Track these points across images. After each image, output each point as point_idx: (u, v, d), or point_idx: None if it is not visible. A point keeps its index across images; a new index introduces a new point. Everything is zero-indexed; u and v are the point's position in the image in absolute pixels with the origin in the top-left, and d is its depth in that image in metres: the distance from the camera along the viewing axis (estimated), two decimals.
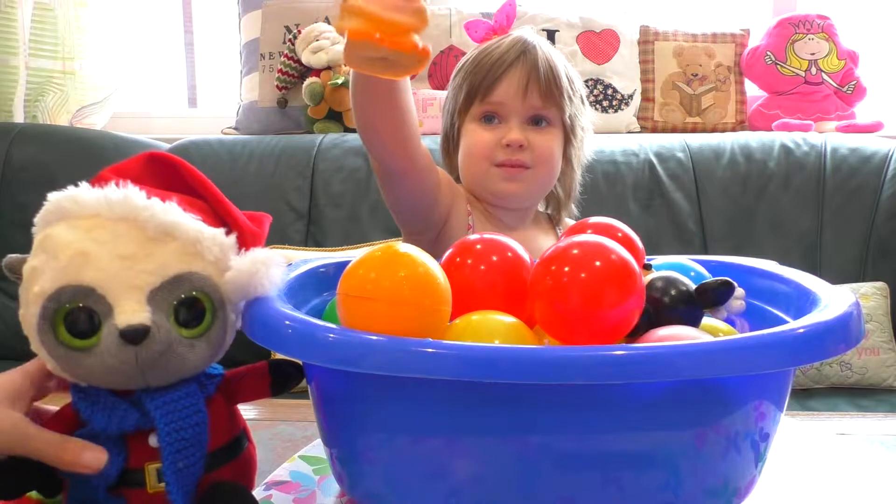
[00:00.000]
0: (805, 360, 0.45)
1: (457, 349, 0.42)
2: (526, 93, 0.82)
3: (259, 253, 0.48)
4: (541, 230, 0.91)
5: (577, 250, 0.48)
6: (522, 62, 0.82)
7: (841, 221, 1.59)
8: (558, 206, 0.92)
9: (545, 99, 0.83)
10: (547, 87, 0.82)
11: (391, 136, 0.73)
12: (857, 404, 1.40)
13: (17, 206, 1.61)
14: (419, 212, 0.82)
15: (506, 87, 0.82)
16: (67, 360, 0.45)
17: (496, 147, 0.83)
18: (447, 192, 0.83)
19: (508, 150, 0.82)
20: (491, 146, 0.83)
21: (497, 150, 0.83)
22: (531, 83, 0.82)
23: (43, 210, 0.47)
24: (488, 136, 0.83)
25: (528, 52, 0.83)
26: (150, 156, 0.51)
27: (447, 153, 0.91)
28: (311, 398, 0.53)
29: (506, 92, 0.82)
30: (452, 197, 0.84)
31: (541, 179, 0.85)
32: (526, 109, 0.83)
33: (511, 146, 0.82)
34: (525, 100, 0.82)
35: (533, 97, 0.82)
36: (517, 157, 0.82)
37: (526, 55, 0.83)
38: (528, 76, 0.82)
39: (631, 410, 0.44)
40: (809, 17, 1.84)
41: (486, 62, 0.83)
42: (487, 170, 0.84)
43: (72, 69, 1.83)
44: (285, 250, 1.51)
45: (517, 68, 0.82)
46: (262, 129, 1.79)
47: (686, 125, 1.82)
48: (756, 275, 0.63)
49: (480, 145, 0.83)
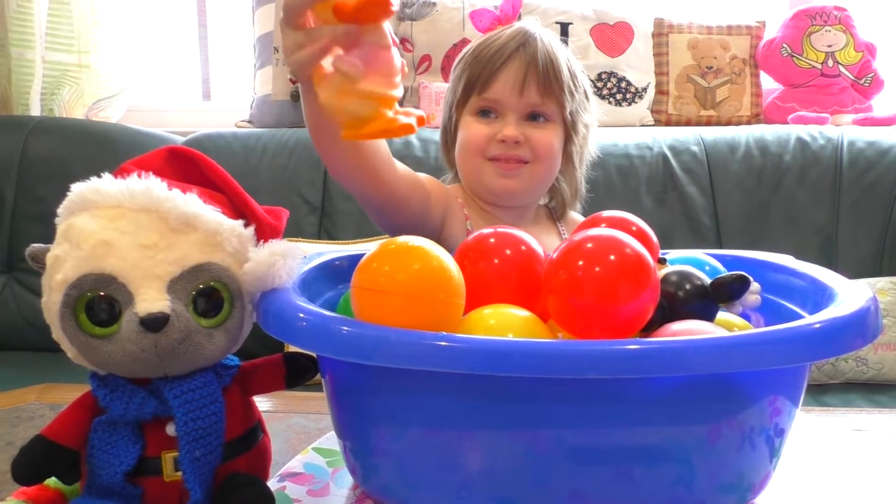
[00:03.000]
0: (821, 356, 0.45)
1: (470, 343, 0.42)
2: (523, 88, 0.79)
3: (277, 245, 0.49)
4: (542, 228, 0.89)
5: (592, 244, 0.48)
6: (521, 55, 0.80)
7: (857, 215, 1.58)
8: (563, 203, 0.90)
9: (544, 94, 0.80)
10: (546, 81, 0.80)
11: (364, 176, 0.69)
12: (872, 400, 1.39)
13: (34, 198, 1.63)
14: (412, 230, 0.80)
15: (503, 82, 0.80)
16: (88, 347, 0.46)
17: (490, 141, 0.81)
18: (438, 202, 0.80)
19: (503, 145, 0.80)
20: (485, 140, 0.81)
21: (491, 144, 0.81)
22: (529, 77, 0.79)
23: (66, 200, 0.47)
24: (484, 130, 0.81)
25: (527, 45, 0.80)
26: (171, 150, 0.51)
27: (446, 146, 0.89)
28: (325, 391, 0.54)
29: (503, 87, 0.80)
30: (445, 205, 0.81)
31: (539, 175, 0.82)
32: (523, 106, 0.80)
33: (506, 142, 0.80)
34: (522, 95, 0.80)
35: (531, 92, 0.80)
36: (513, 153, 0.80)
37: (525, 47, 0.80)
38: (527, 70, 0.79)
39: (644, 405, 0.44)
40: (826, 8, 1.82)
41: (486, 54, 0.81)
42: (481, 164, 0.82)
43: (87, 63, 1.85)
44: (298, 243, 1.52)
45: (515, 61, 0.80)
46: (276, 122, 1.79)
47: (700, 118, 1.80)
48: (771, 269, 0.63)
49: (474, 139, 0.81)
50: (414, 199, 0.75)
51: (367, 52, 0.48)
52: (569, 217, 0.92)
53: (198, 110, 2.04)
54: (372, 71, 0.48)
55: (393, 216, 0.75)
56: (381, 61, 0.49)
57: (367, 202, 0.74)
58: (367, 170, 0.68)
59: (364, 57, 0.48)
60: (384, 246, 0.49)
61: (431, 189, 0.79)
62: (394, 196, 0.72)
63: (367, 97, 0.48)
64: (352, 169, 0.68)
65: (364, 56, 0.48)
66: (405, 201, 0.74)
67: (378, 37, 0.49)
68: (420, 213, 0.76)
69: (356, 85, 0.48)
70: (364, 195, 0.72)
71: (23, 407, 0.77)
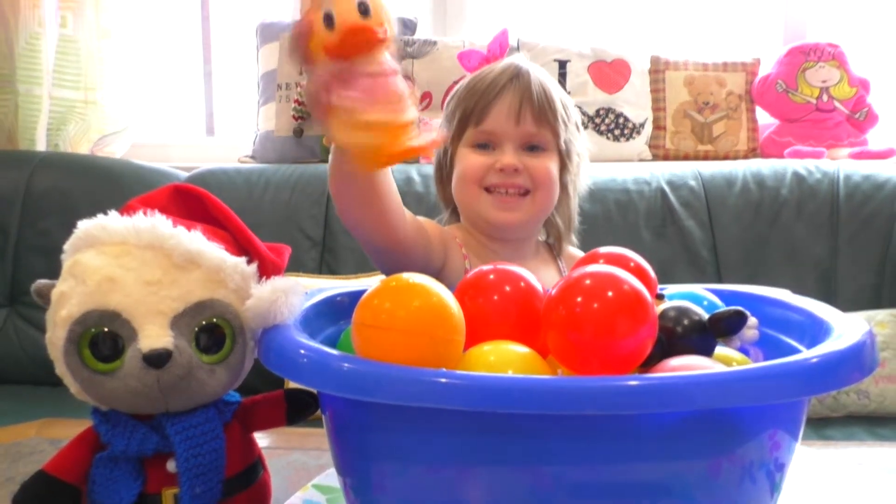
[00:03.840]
0: (819, 390, 0.45)
1: (470, 379, 0.42)
2: (519, 117, 0.81)
3: (279, 281, 0.49)
4: (542, 261, 0.89)
5: (590, 280, 0.49)
6: (515, 85, 0.81)
7: (855, 248, 1.58)
8: (559, 235, 0.90)
9: (539, 123, 0.81)
10: (540, 110, 0.81)
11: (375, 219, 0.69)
12: (875, 433, 1.38)
13: (38, 231, 1.64)
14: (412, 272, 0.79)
15: (498, 112, 0.81)
16: (91, 382, 0.46)
17: (488, 171, 0.81)
18: (438, 245, 0.80)
19: (502, 174, 0.81)
20: (483, 170, 0.81)
21: (489, 173, 0.81)
22: (524, 106, 0.81)
23: (73, 237, 0.48)
24: (481, 160, 0.81)
25: (520, 76, 0.82)
26: (176, 187, 0.52)
27: (440, 183, 0.89)
28: (325, 427, 0.54)
29: (498, 118, 0.81)
30: (444, 248, 0.81)
31: (539, 204, 0.83)
32: (520, 135, 0.81)
33: (505, 171, 0.80)
34: (519, 124, 0.81)
35: (526, 121, 0.81)
36: (512, 181, 0.81)
37: (519, 79, 0.82)
38: (521, 99, 0.81)
39: (645, 441, 0.44)
40: (820, 45, 1.85)
41: (479, 87, 0.82)
42: (479, 195, 0.82)
43: (94, 99, 1.87)
44: (300, 278, 1.52)
45: (510, 91, 0.81)
46: (279, 157, 1.81)
47: (698, 153, 1.82)
48: (768, 304, 0.63)
49: (472, 169, 0.82)
50: (419, 245, 0.76)
51: (366, 83, 0.49)
52: (567, 252, 0.92)
53: (201, 145, 2.06)
54: (374, 101, 0.49)
55: (397, 261, 0.74)
56: (380, 90, 0.49)
57: (370, 244, 0.74)
58: (378, 213, 0.68)
59: (364, 89, 0.49)
60: (385, 283, 0.49)
61: (432, 233, 0.80)
62: (399, 241, 0.72)
63: (373, 128, 0.49)
64: (364, 210, 0.68)
65: (364, 88, 0.49)
66: (411, 247, 0.74)
67: (374, 66, 0.49)
68: (422, 258, 0.76)
69: (361, 117, 0.48)
70: (370, 238, 0.72)
71: (23, 442, 0.77)
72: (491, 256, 0.83)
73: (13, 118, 1.80)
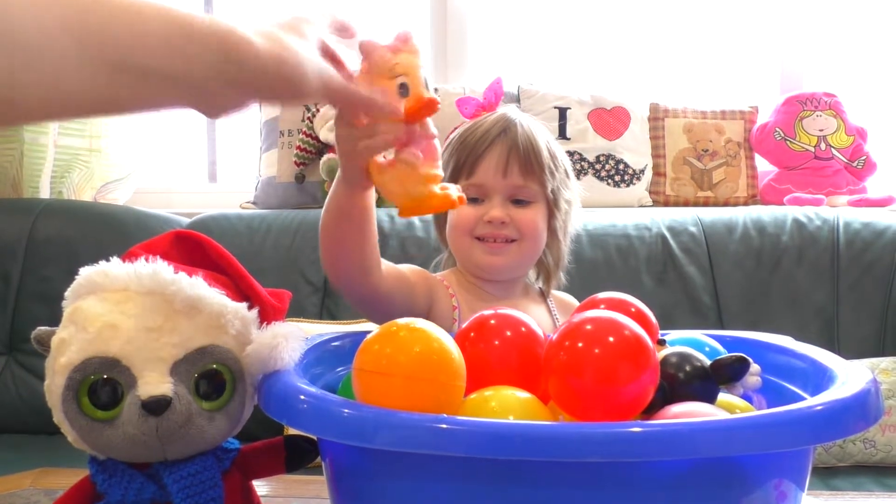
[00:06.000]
0: (825, 439, 0.45)
1: (471, 425, 0.42)
2: (506, 171, 0.86)
3: (280, 327, 0.49)
4: (531, 301, 0.93)
5: (591, 326, 0.48)
6: (503, 139, 0.87)
7: (857, 295, 1.58)
8: (548, 275, 0.94)
9: (525, 175, 0.86)
10: (527, 162, 0.86)
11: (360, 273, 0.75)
12: (883, 483, 1.35)
13: (39, 278, 1.64)
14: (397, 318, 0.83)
15: (487, 166, 0.86)
16: (89, 430, 0.45)
17: (478, 222, 0.86)
18: (422, 290, 0.85)
19: (490, 225, 0.86)
20: (473, 221, 0.87)
21: (479, 224, 0.86)
22: (511, 160, 0.86)
23: (74, 283, 0.48)
24: (471, 213, 0.87)
25: (508, 130, 0.87)
26: (178, 233, 0.53)
27: (439, 226, 0.95)
28: (325, 474, 0.53)
29: (486, 172, 0.86)
30: (429, 292, 0.86)
31: (525, 252, 0.88)
32: (507, 188, 0.86)
33: (493, 223, 0.86)
34: (506, 178, 0.86)
35: (513, 174, 0.86)
36: (500, 232, 0.86)
37: (507, 132, 0.87)
38: (509, 153, 0.86)
39: (647, 489, 0.44)
40: (816, 94, 1.88)
41: (470, 140, 0.88)
42: (470, 243, 0.87)
43: (98, 147, 1.89)
44: (300, 323, 1.52)
45: (498, 145, 0.87)
46: (280, 203, 1.83)
47: (698, 199, 1.83)
48: (771, 350, 0.63)
49: (463, 221, 0.87)
50: (401, 292, 0.81)
51: (420, 142, 0.59)
52: (555, 295, 0.95)
53: (204, 192, 2.08)
54: (431, 158, 0.60)
55: (377, 309, 0.80)
56: (430, 149, 0.60)
57: (354, 294, 0.79)
58: (362, 267, 0.74)
59: (419, 147, 0.59)
60: (386, 328, 0.49)
61: (415, 282, 0.84)
62: (379, 292, 0.77)
63: (425, 181, 0.59)
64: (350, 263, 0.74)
65: (419, 146, 0.59)
66: (389, 297, 0.79)
67: (426, 129, 0.60)
68: (404, 305, 0.80)
69: (417, 171, 0.59)
70: (352, 285, 0.77)
71: (18, 493, 0.75)
72: (482, 296, 0.88)
73: (18, 166, 1.82)
